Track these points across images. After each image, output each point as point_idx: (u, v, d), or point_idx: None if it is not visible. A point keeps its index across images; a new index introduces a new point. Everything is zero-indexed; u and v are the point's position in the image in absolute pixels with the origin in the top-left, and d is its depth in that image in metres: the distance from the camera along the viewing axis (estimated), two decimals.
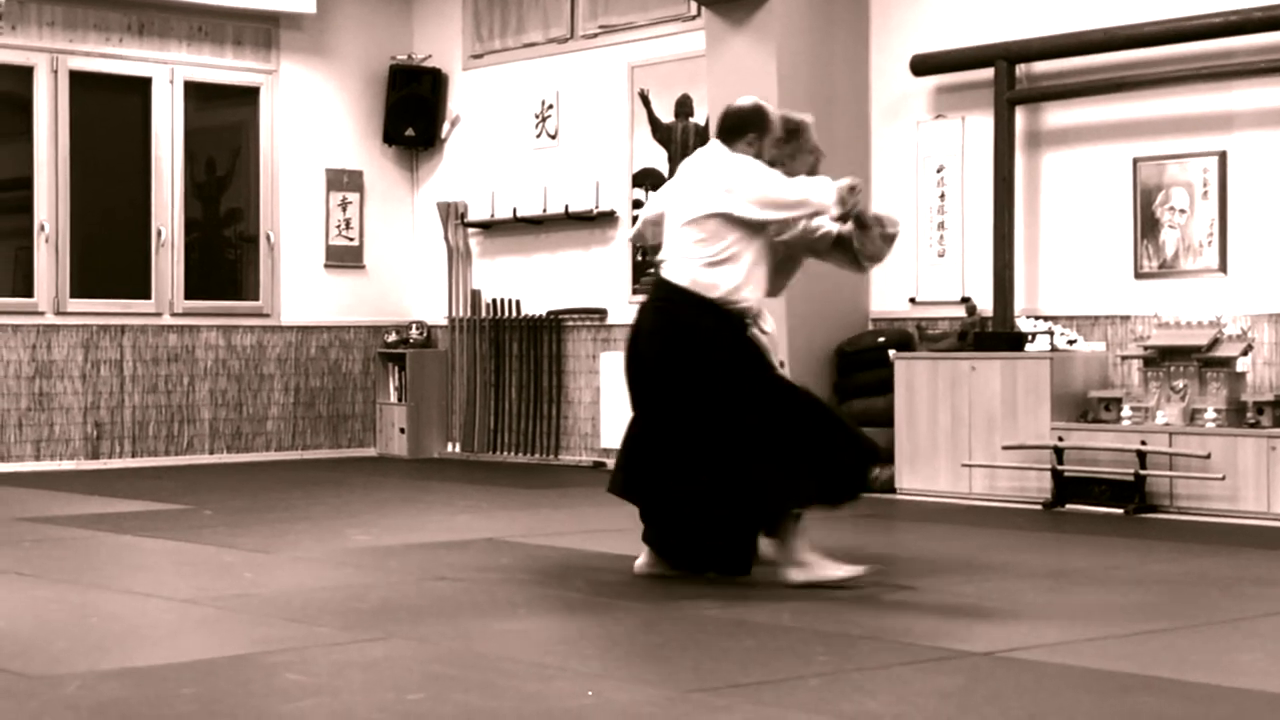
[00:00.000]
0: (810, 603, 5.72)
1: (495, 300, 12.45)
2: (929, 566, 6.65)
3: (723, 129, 6.31)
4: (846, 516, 7.76)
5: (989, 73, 9.65)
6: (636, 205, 11.25)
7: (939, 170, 10.08)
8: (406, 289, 13.10)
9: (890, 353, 9.68)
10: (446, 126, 12.88)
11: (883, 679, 4.47)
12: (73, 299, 11.59)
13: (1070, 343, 9.19)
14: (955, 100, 10.03)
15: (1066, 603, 5.83)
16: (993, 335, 9.38)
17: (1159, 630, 5.25)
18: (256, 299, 12.43)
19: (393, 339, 12.85)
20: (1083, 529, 7.99)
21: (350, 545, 7.31)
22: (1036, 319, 9.38)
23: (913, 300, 10.15)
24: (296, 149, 12.58)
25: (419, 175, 13.12)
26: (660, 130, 11.38)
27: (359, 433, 12.87)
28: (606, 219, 11.76)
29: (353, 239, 12.86)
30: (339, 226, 12.79)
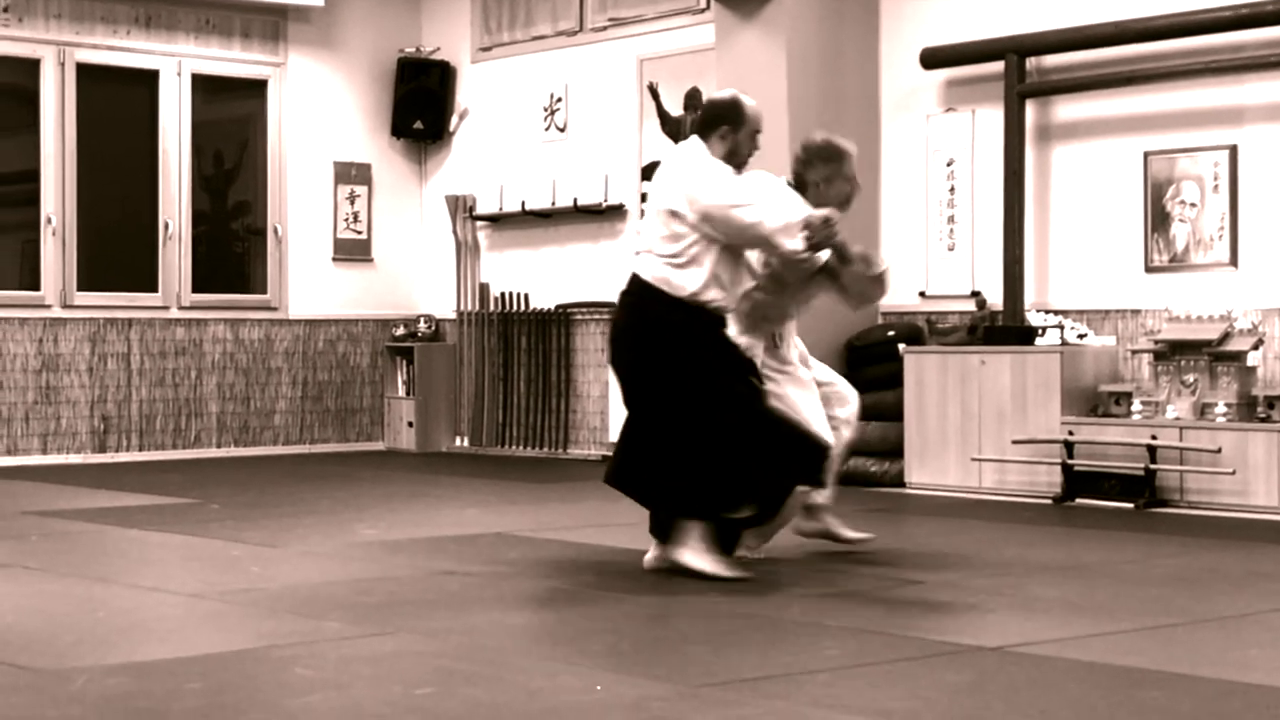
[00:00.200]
0: (819, 598, 5.72)
1: (504, 294, 12.43)
2: (938, 561, 6.65)
3: (699, 122, 6.37)
4: (857, 511, 7.75)
5: (999, 66, 9.62)
6: (645, 199, 11.23)
7: (949, 164, 10.05)
8: (415, 282, 13.09)
9: (900, 347, 9.66)
10: (455, 119, 12.86)
11: (892, 674, 4.46)
12: (80, 292, 11.58)
13: (1080, 337, 9.16)
14: (965, 93, 10.00)
15: (1077, 598, 5.81)
16: (1003, 329, 9.37)
17: (1169, 625, 5.24)
18: (264, 292, 12.41)
19: (401, 332, 12.84)
20: (1093, 524, 7.97)
21: (358, 539, 7.30)
22: (1046, 313, 9.36)
23: (922, 294, 10.13)
24: (304, 142, 12.57)
25: (427, 168, 13.11)
26: (669, 123, 11.35)
27: (367, 426, 12.86)
28: (615, 212, 11.74)
29: (361, 232, 12.84)
30: (347, 220, 12.78)
